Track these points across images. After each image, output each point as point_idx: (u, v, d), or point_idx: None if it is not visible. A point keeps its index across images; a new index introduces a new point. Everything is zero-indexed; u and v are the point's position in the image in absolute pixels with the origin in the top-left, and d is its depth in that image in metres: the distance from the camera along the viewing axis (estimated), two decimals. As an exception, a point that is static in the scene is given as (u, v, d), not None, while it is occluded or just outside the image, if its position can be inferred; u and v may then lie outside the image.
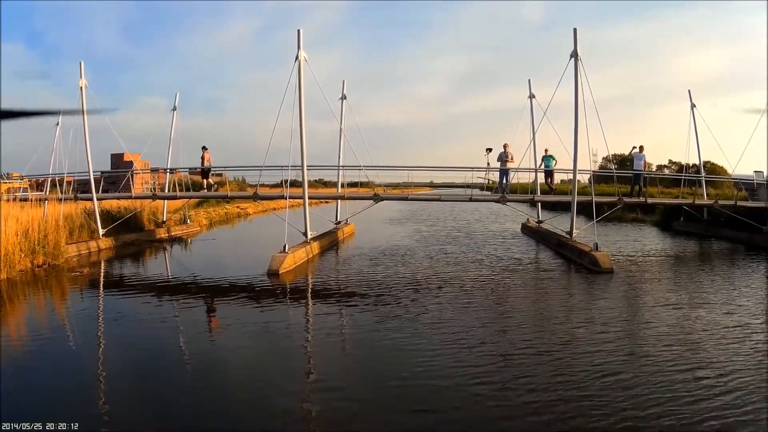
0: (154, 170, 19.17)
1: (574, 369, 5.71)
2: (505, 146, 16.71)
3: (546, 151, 17.52)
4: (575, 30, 13.74)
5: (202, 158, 17.71)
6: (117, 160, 38.19)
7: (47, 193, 16.77)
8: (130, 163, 23.05)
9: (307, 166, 14.25)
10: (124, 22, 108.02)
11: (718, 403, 4.79)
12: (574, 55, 13.66)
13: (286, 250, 12.26)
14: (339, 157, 18.64)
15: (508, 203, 16.63)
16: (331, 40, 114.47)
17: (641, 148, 17.23)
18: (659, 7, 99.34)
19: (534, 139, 18.05)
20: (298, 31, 13.79)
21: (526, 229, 20.73)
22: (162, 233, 18.93)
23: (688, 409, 4.63)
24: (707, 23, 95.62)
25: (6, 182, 19.63)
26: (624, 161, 37.83)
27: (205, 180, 17.96)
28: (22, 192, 16.69)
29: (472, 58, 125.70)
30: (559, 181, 19.75)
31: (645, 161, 17.75)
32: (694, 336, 6.92)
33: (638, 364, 5.89)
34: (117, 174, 23.37)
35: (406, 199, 18.40)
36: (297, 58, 13.63)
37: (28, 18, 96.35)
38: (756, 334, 7.01)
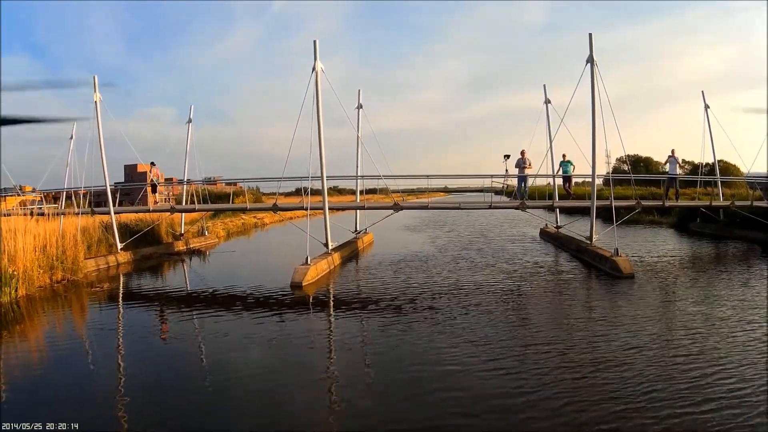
0: (168, 180, 19.24)
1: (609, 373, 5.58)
2: (522, 153, 16.71)
3: (564, 156, 17.45)
4: (590, 35, 13.58)
5: (150, 174, 19.17)
6: (131, 171, 38.43)
7: (62, 206, 16.69)
8: (144, 174, 23.15)
9: (327, 177, 14.22)
10: (127, 31, 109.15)
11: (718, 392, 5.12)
12: (590, 60, 13.54)
13: (309, 262, 12.16)
14: (357, 167, 18.51)
15: (527, 210, 16.51)
16: (337, 47, 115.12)
17: (672, 152, 17.47)
18: (658, 8, 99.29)
19: (551, 146, 18.00)
20: (315, 42, 13.72)
21: (544, 234, 20.59)
22: (180, 246, 18.86)
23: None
24: (707, 24, 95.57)
25: (20, 195, 19.73)
26: (638, 162, 37.84)
27: (152, 195, 19.20)
28: (37, 205, 16.62)
29: (479, 60, 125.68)
30: (573, 184, 19.68)
31: (678, 164, 18.06)
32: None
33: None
34: (132, 187, 23.54)
35: (426, 207, 18.30)
36: (314, 69, 13.59)
37: (31, 29, 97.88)
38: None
